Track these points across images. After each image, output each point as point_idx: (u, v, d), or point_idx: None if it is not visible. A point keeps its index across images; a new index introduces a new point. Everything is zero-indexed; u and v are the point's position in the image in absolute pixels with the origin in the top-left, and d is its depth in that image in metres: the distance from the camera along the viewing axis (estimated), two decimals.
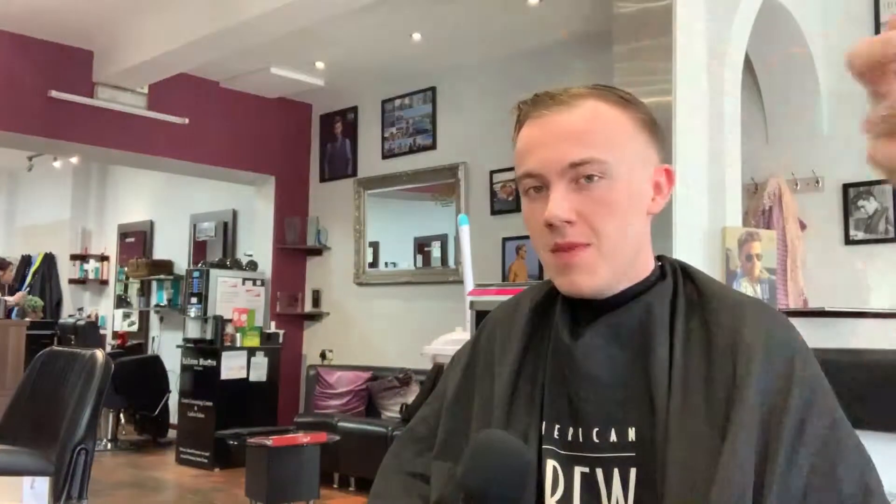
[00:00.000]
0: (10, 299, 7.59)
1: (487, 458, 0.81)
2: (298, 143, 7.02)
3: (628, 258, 0.93)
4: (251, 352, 6.36)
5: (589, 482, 0.88)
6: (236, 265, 6.76)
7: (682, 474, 0.81)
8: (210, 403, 6.14)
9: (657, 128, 0.97)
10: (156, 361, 7.40)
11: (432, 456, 1.00)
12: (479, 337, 1.06)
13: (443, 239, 6.04)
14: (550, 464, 0.91)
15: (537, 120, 0.92)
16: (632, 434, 0.87)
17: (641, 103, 0.97)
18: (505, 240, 5.56)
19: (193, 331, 6.50)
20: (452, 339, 3.42)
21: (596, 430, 0.89)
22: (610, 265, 0.91)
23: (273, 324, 6.69)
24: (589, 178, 0.89)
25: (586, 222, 0.90)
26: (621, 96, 0.94)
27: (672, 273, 0.96)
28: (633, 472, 0.86)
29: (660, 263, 0.98)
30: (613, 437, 0.88)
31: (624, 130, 0.92)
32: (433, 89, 6.14)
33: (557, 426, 0.91)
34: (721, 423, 0.83)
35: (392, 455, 1.06)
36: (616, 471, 0.87)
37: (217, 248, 7.70)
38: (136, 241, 8.78)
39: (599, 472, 0.88)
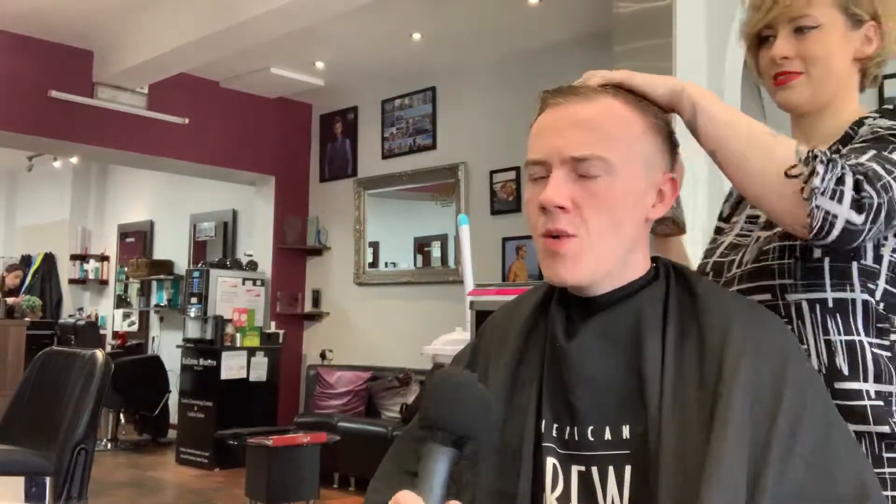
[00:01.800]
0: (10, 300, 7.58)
1: (447, 391, 0.76)
2: (298, 143, 7.02)
3: (616, 257, 0.93)
4: (251, 352, 6.36)
5: (585, 481, 0.89)
6: (236, 265, 6.76)
7: (675, 473, 0.82)
8: (210, 403, 6.14)
9: (670, 136, 0.98)
10: (156, 361, 7.40)
11: None
12: (480, 339, 1.07)
13: (443, 239, 6.04)
14: (550, 461, 0.91)
15: (554, 108, 0.94)
16: (626, 432, 0.88)
17: (660, 110, 0.97)
18: (505, 240, 5.56)
19: (193, 331, 6.49)
20: (452, 339, 3.42)
21: (591, 428, 0.89)
22: (594, 259, 0.91)
23: (273, 324, 6.69)
24: (588, 171, 0.90)
25: (578, 212, 0.90)
26: (641, 100, 0.95)
27: (665, 274, 0.97)
28: (628, 469, 0.87)
29: (654, 265, 0.98)
30: (608, 436, 0.88)
31: (633, 131, 0.93)
32: (433, 89, 6.14)
33: (556, 425, 0.92)
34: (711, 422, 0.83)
35: (391, 455, 1.06)
36: (611, 469, 0.87)
37: (217, 248, 7.70)
38: (136, 241, 8.78)
39: (595, 471, 0.88)
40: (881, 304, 1.06)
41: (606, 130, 0.91)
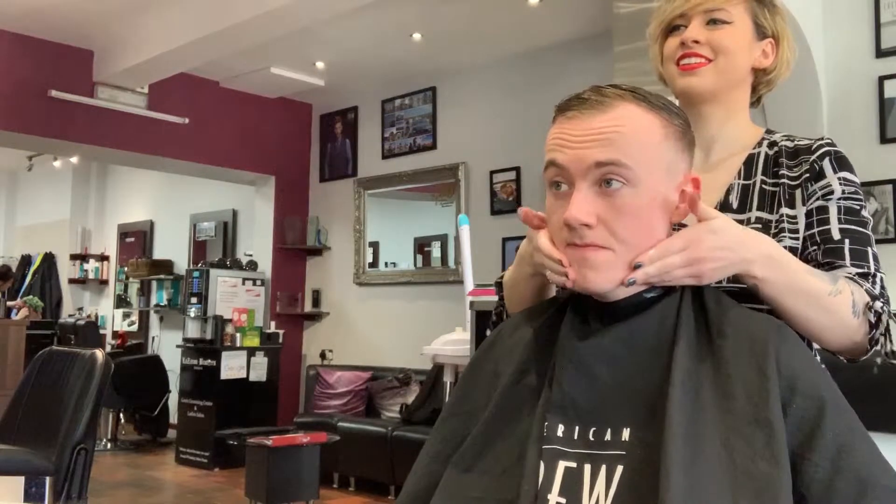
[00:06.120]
0: (14, 304, 7.58)
1: None
2: (298, 143, 7.02)
3: None
4: (251, 352, 6.36)
5: (574, 477, 0.89)
6: (236, 265, 6.76)
7: (684, 481, 0.81)
8: (210, 403, 6.14)
9: (690, 138, 0.98)
10: (156, 361, 7.40)
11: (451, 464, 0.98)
12: (495, 342, 1.07)
13: (443, 239, 6.04)
14: (555, 463, 0.91)
15: (570, 120, 0.94)
16: (625, 434, 0.88)
17: (680, 113, 0.97)
18: (505, 240, 5.56)
19: (193, 331, 6.49)
20: (452, 339, 3.41)
21: (593, 429, 0.90)
22: (623, 270, 0.92)
23: (273, 324, 6.69)
24: (610, 182, 0.90)
25: (607, 228, 0.91)
26: (659, 103, 0.95)
27: (686, 287, 0.97)
28: (619, 469, 0.87)
29: None
30: (608, 436, 0.89)
31: (653, 137, 0.93)
32: (433, 89, 6.14)
33: (561, 426, 0.92)
34: (741, 432, 0.84)
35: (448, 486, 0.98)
36: (603, 468, 0.88)
37: (217, 247, 7.70)
38: (136, 240, 8.78)
39: (587, 468, 0.88)
40: None
41: (625, 139, 0.91)
